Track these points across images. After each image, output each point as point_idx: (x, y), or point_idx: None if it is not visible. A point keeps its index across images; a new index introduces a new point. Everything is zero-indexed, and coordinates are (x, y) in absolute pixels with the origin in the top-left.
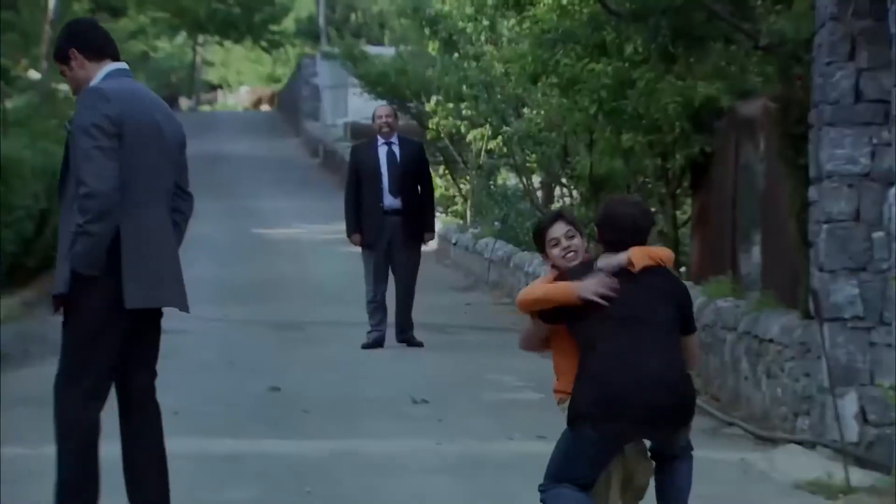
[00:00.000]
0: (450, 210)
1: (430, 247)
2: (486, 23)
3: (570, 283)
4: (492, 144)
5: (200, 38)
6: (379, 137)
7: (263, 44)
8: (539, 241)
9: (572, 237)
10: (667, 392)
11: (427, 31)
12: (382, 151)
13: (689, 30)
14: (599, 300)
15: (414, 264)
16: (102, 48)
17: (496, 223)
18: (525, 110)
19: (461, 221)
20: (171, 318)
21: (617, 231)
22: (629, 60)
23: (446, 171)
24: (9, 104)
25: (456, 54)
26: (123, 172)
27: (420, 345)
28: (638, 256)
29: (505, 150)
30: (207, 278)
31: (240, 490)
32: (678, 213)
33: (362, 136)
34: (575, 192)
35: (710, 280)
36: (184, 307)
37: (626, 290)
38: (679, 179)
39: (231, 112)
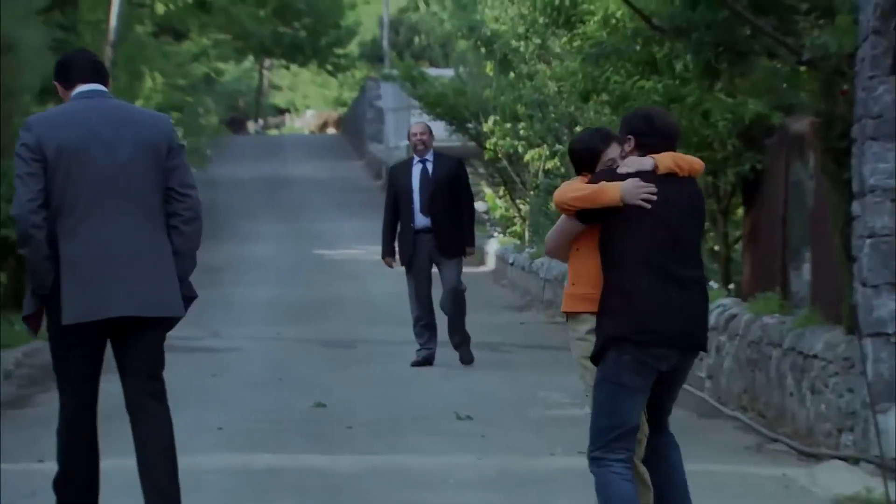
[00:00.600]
0: (509, 231)
1: (487, 266)
2: (537, 41)
3: (613, 184)
4: (549, 164)
5: (267, 62)
6: (415, 156)
7: (329, 67)
8: (590, 161)
9: (624, 157)
10: (696, 316)
11: (483, 50)
12: (416, 170)
13: (732, 45)
14: (643, 203)
15: (457, 281)
16: (72, 75)
17: None
18: (578, 129)
19: (518, 241)
20: (221, 337)
21: (660, 137)
22: (679, 77)
23: (506, 192)
24: None
25: (511, 74)
26: (56, 195)
27: (468, 362)
28: (665, 162)
29: (562, 169)
30: (265, 298)
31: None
32: (730, 230)
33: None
34: None
35: (757, 297)
36: (150, 312)
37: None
38: (730, 196)
39: (297, 135)
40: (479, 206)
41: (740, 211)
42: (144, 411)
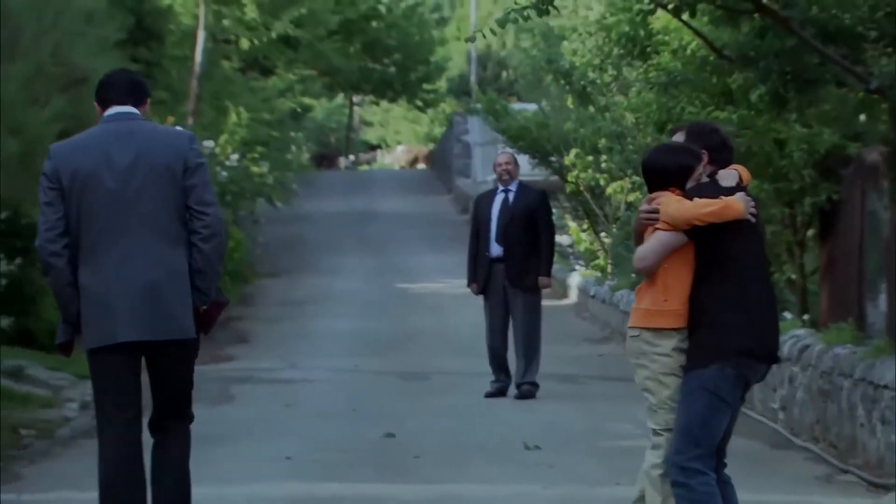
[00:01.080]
0: (592, 264)
1: (570, 299)
2: (612, 72)
3: (735, 199)
4: (632, 197)
5: (358, 99)
6: (499, 185)
7: (418, 103)
8: (682, 177)
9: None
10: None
11: (562, 83)
12: (498, 199)
13: (800, 73)
14: (751, 217)
15: (528, 313)
16: (106, 96)
17: (633, 275)
18: None
19: (599, 274)
20: (299, 368)
21: (729, 151)
22: (755, 108)
23: (589, 226)
24: None
25: (591, 106)
26: (73, 221)
27: (530, 396)
28: (745, 175)
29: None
30: (346, 331)
31: None
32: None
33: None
34: None
35: (829, 327)
36: (158, 336)
37: None
38: (807, 227)
39: (386, 170)
40: (563, 239)
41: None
42: (162, 432)
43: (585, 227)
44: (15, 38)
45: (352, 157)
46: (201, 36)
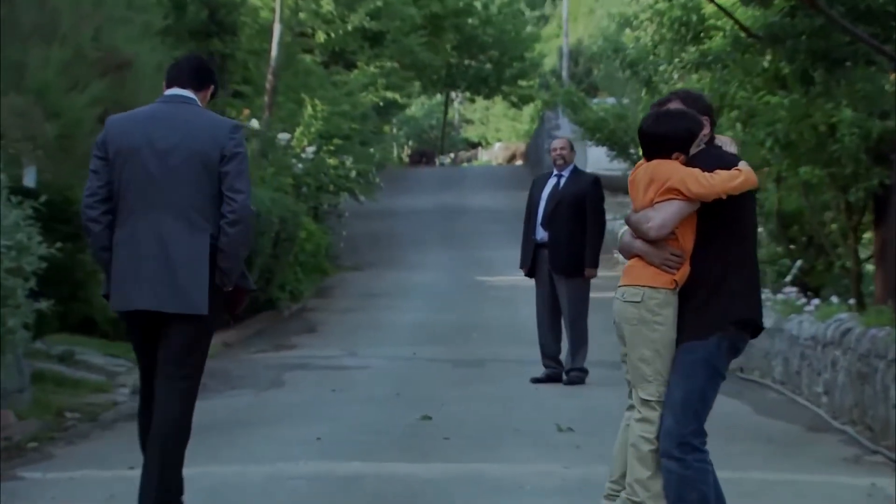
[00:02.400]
0: None
1: None
2: (666, 58)
3: (748, 169)
4: None
5: (457, 96)
6: (554, 170)
7: (513, 99)
8: (688, 142)
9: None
10: None
11: (628, 73)
12: (550, 184)
13: (828, 52)
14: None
15: (574, 300)
16: (169, 77)
17: None
18: None
19: None
20: (357, 356)
21: (715, 117)
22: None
23: None
24: None
25: (656, 95)
26: (115, 188)
27: (578, 382)
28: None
29: None
30: (414, 322)
31: None
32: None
33: (605, 187)
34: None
35: (868, 310)
36: (169, 308)
37: None
38: (862, 212)
39: (481, 167)
40: None
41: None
42: (161, 391)
43: None
44: (54, 22)
45: (451, 155)
46: (277, 29)
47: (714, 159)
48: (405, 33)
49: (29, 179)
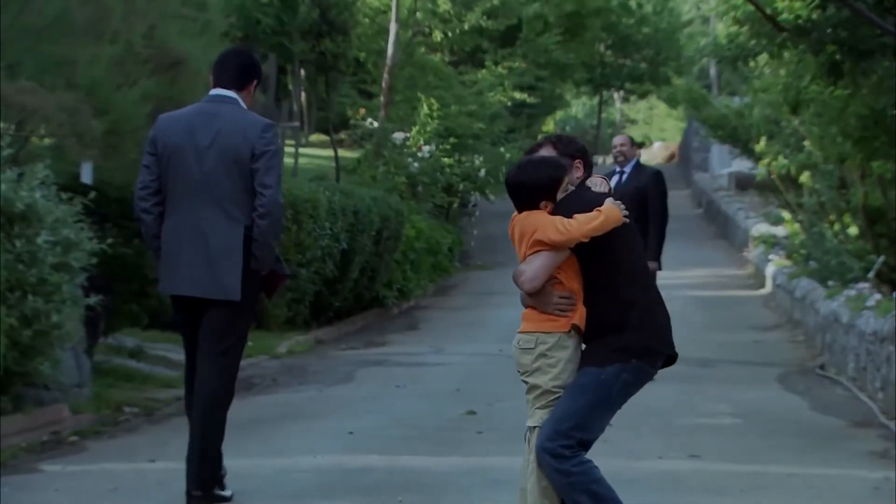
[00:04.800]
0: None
1: (766, 289)
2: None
3: (608, 206)
4: (804, 178)
5: (616, 96)
6: (616, 166)
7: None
8: (553, 190)
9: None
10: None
11: (728, 68)
12: (612, 181)
13: (854, 44)
14: (626, 220)
15: None
16: (214, 76)
17: (810, 262)
18: (806, 144)
19: (789, 262)
20: (443, 353)
21: (590, 158)
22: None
23: (790, 217)
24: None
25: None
26: (163, 183)
27: None
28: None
29: (815, 185)
30: (516, 318)
31: (344, 499)
32: None
33: (746, 186)
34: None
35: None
36: (207, 294)
37: None
38: None
39: None
40: (779, 230)
41: None
42: (200, 371)
43: (788, 217)
44: (104, 18)
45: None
46: (393, 28)
47: (575, 204)
48: (538, 33)
49: (86, 176)
